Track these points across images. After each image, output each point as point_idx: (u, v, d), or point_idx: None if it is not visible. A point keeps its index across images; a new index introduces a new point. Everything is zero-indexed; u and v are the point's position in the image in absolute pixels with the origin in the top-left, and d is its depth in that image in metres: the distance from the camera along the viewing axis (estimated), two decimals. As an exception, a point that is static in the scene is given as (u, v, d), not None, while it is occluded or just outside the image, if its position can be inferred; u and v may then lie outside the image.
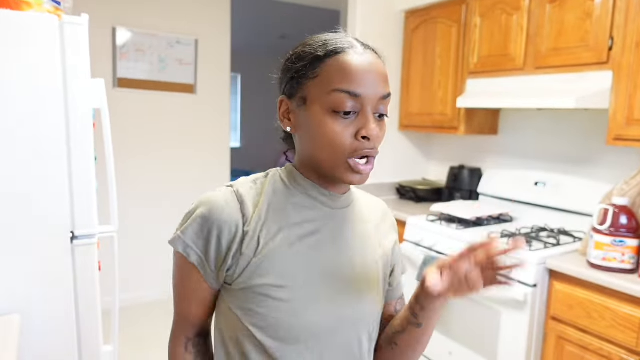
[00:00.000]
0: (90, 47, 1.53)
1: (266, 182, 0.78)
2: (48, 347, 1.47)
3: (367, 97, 0.70)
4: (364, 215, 0.83)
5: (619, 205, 1.76)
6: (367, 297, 0.78)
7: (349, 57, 0.70)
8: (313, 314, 0.72)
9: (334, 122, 0.70)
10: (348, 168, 0.71)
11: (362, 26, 2.90)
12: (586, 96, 1.91)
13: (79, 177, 1.48)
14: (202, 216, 0.72)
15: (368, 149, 0.71)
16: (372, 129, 0.70)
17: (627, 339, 1.62)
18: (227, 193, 0.74)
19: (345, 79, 0.69)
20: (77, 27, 1.44)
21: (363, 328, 0.78)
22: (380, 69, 0.72)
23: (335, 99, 0.69)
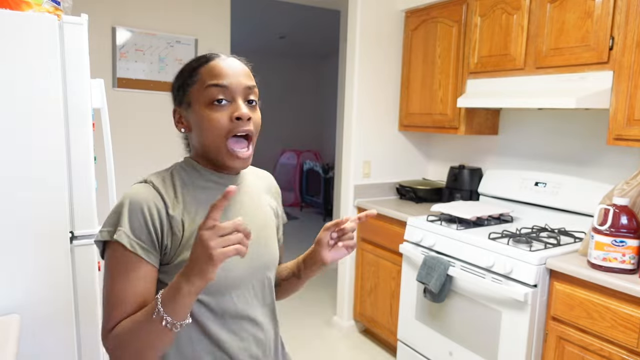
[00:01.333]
0: (90, 47, 1.53)
1: (173, 176, 0.95)
2: (48, 347, 1.46)
3: (233, 87, 0.89)
4: (254, 187, 1.05)
5: (620, 206, 1.75)
6: (271, 246, 1.02)
7: (215, 61, 0.91)
8: (234, 269, 0.92)
9: (211, 111, 0.88)
10: (228, 153, 0.89)
11: (362, 26, 2.90)
12: (587, 96, 1.91)
13: (78, 177, 1.48)
14: (131, 208, 0.85)
15: (242, 127, 0.88)
16: (242, 111, 0.88)
17: (628, 339, 1.62)
18: (145, 186, 0.90)
19: (214, 76, 0.89)
20: (77, 27, 1.44)
21: (271, 270, 1.02)
22: (242, 68, 0.92)
23: (209, 93, 0.88)
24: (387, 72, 3.05)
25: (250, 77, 0.93)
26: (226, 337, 0.93)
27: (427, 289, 2.29)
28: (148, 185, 0.90)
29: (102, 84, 1.57)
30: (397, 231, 2.62)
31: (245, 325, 0.96)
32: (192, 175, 0.95)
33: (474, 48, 2.50)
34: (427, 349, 2.39)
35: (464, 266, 2.15)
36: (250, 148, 0.92)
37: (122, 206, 0.86)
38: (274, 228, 1.06)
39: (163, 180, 0.92)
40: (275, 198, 1.12)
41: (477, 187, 2.80)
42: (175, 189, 0.92)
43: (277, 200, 1.13)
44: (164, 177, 0.93)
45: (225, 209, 0.93)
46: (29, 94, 1.37)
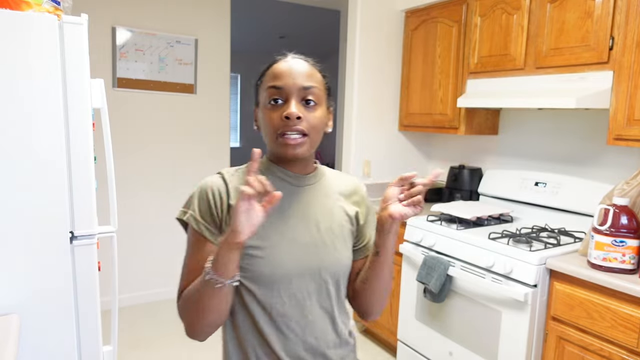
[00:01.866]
0: (90, 47, 1.53)
1: (245, 169, 1.01)
2: (48, 347, 1.46)
3: (288, 88, 0.92)
4: (328, 190, 1.05)
5: (620, 206, 1.75)
6: (336, 250, 1.00)
7: (278, 63, 0.97)
8: (282, 265, 0.95)
9: (268, 111, 0.94)
10: (279, 143, 0.93)
11: (362, 26, 2.90)
12: (587, 96, 1.91)
13: (78, 177, 1.48)
14: (200, 194, 0.97)
15: (292, 126, 0.91)
16: (290, 110, 0.91)
17: (628, 339, 1.62)
18: (215, 177, 1.00)
19: (273, 77, 0.95)
20: (77, 27, 1.44)
21: (328, 275, 0.99)
22: (301, 68, 0.95)
23: (268, 94, 0.94)
24: (387, 72, 3.05)
25: (310, 77, 0.95)
26: (272, 333, 0.96)
27: (427, 289, 2.29)
28: (219, 175, 1.00)
29: (102, 84, 1.57)
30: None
31: (294, 326, 0.96)
32: (263, 170, 1.01)
33: (474, 48, 2.50)
34: (427, 349, 2.39)
35: (464, 266, 2.15)
36: (304, 139, 0.93)
37: (195, 192, 0.98)
38: (346, 233, 1.04)
39: (235, 172, 1.01)
40: (357, 205, 1.09)
41: (477, 187, 2.80)
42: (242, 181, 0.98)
43: (360, 207, 1.09)
44: (237, 169, 1.02)
45: (287, 206, 0.98)
46: (29, 94, 1.37)
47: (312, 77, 0.96)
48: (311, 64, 0.98)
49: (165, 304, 3.49)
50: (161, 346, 2.88)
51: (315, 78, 0.96)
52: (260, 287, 0.95)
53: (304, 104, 0.94)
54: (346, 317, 1.07)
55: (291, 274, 0.95)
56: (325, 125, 0.99)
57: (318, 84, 0.96)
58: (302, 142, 0.93)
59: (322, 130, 0.98)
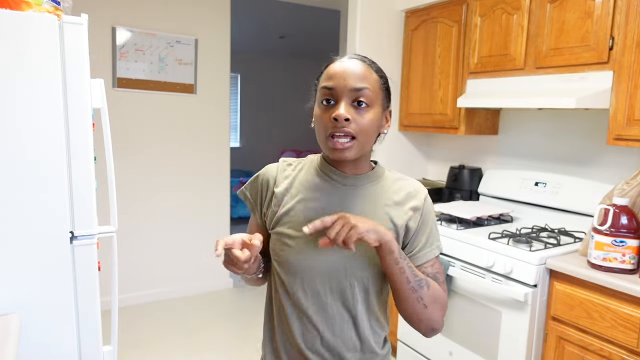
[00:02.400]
0: (90, 47, 1.53)
1: (303, 162, 1.09)
2: (48, 347, 1.46)
3: (339, 89, 0.93)
4: (378, 194, 1.02)
5: (620, 206, 1.75)
6: (359, 256, 0.97)
7: (332, 65, 0.97)
8: (308, 258, 0.97)
9: (320, 110, 0.96)
10: (327, 145, 0.94)
11: (362, 26, 2.90)
12: (587, 96, 1.91)
13: (78, 177, 1.48)
14: (256, 176, 1.09)
15: (338, 127, 0.92)
16: (339, 111, 0.91)
17: (628, 339, 1.62)
18: (273, 165, 1.08)
19: (326, 78, 0.96)
20: (77, 27, 1.44)
21: (354, 278, 0.98)
22: (354, 69, 0.94)
23: (321, 94, 0.96)
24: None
25: (363, 78, 0.94)
26: (294, 320, 1.00)
27: (427, 289, 2.28)
28: (276, 164, 1.08)
29: (102, 84, 1.57)
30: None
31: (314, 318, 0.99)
32: (315, 164, 1.05)
33: (474, 48, 2.50)
34: (427, 349, 2.39)
35: (464, 266, 2.15)
36: (352, 143, 0.93)
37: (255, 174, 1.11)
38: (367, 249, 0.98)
39: (291, 163, 1.08)
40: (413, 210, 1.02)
41: (477, 187, 2.80)
42: (296, 172, 1.06)
43: (416, 213, 1.02)
44: (296, 160, 1.09)
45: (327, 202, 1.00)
46: (29, 94, 1.37)
47: (366, 78, 0.95)
48: (367, 64, 0.97)
49: (165, 304, 3.49)
50: (161, 346, 2.88)
51: (369, 79, 0.95)
52: (286, 273, 1.00)
53: (355, 106, 0.93)
54: (379, 325, 1.04)
55: (315, 269, 0.97)
56: (379, 126, 0.98)
57: (371, 85, 0.95)
58: (350, 145, 0.93)
59: (374, 132, 0.97)
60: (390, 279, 0.96)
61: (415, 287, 0.95)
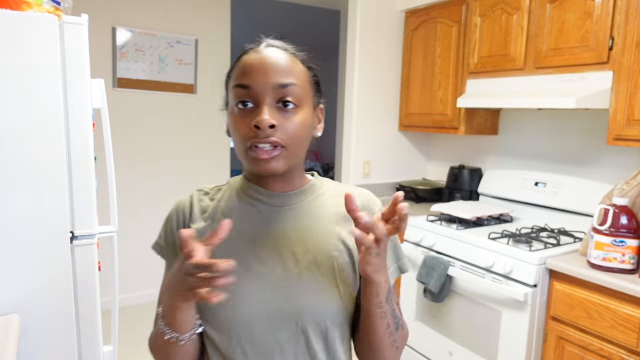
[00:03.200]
0: (90, 47, 1.53)
1: (223, 188, 0.87)
2: (48, 347, 1.47)
3: (258, 87, 0.73)
4: (321, 210, 0.83)
5: (619, 206, 1.76)
6: (310, 291, 0.76)
7: (247, 56, 0.77)
8: (241, 308, 0.75)
9: (235, 116, 0.76)
10: (249, 158, 0.75)
11: (362, 26, 2.90)
12: (586, 96, 1.91)
13: (78, 177, 1.48)
14: (168, 217, 0.87)
15: (261, 137, 0.72)
16: (261, 117, 0.72)
17: (628, 339, 1.62)
18: (186, 196, 0.87)
19: (239, 74, 0.76)
20: (77, 27, 1.44)
21: (307, 322, 0.76)
22: (276, 61, 0.75)
23: (234, 94, 0.76)
24: (387, 72, 3.05)
25: (288, 71, 0.75)
26: None
27: (427, 289, 2.29)
28: (189, 195, 0.88)
29: (102, 84, 1.57)
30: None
31: None
32: (238, 191, 0.85)
33: (474, 48, 2.50)
34: (427, 349, 2.39)
35: (464, 266, 2.15)
36: (279, 152, 0.73)
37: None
38: (340, 267, 0.79)
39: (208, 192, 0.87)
40: None
41: (477, 187, 2.80)
42: (215, 201, 0.84)
43: None
44: (213, 187, 0.89)
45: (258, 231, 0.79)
46: (29, 94, 1.37)
47: (292, 71, 0.76)
48: (291, 53, 0.79)
49: (165, 304, 3.49)
50: (161, 346, 2.88)
51: (295, 72, 0.76)
52: (218, 332, 0.77)
53: (281, 107, 0.74)
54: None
55: (253, 318, 0.75)
56: (311, 129, 0.79)
57: (299, 80, 0.76)
58: (277, 155, 0.73)
59: (306, 137, 0.78)
60: (365, 321, 0.77)
61: (393, 331, 0.79)
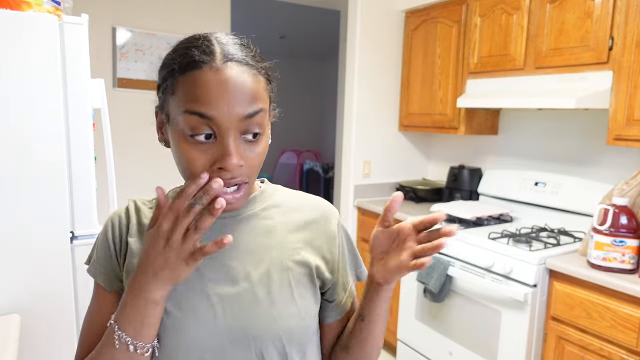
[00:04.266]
0: (90, 47, 1.53)
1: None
2: (48, 347, 1.47)
3: (222, 120, 0.61)
4: (273, 220, 0.75)
5: (619, 206, 1.76)
6: (265, 308, 0.69)
7: (202, 74, 0.61)
8: (189, 332, 0.66)
9: (189, 147, 0.63)
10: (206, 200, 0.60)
11: (362, 26, 2.90)
12: (586, 96, 1.91)
13: (79, 177, 1.48)
14: (101, 234, 0.75)
15: (226, 179, 0.62)
16: (230, 161, 0.61)
17: (627, 339, 1.62)
18: (120, 208, 0.76)
19: (196, 98, 0.61)
20: (77, 27, 1.44)
21: (265, 343, 0.69)
22: (242, 84, 0.62)
23: (188, 122, 0.61)
24: (387, 72, 3.05)
25: (254, 97, 0.63)
26: None
27: (427, 289, 2.29)
28: (124, 207, 0.77)
29: (102, 84, 1.57)
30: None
31: None
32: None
33: (474, 48, 2.50)
34: (427, 349, 2.39)
35: (464, 266, 2.15)
36: (243, 191, 0.66)
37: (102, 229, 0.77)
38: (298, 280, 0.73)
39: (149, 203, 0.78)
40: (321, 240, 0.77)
41: (477, 187, 2.80)
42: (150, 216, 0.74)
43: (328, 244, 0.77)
44: (152, 200, 0.79)
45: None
46: (29, 94, 1.37)
47: (257, 94, 0.64)
48: (252, 67, 0.65)
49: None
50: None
51: (260, 94, 0.65)
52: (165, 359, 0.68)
53: (247, 139, 0.64)
54: None
55: (203, 343, 0.67)
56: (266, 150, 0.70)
57: (264, 102, 0.65)
58: (241, 195, 0.66)
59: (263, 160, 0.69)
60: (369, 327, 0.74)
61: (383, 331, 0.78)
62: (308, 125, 7.76)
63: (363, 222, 2.96)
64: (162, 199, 0.60)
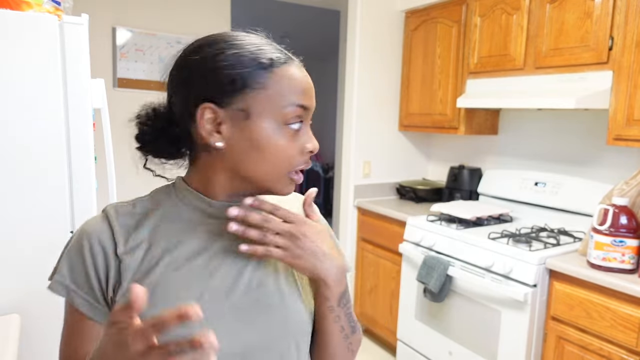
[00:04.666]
0: (90, 47, 1.53)
1: (149, 204, 0.72)
2: (48, 347, 1.47)
3: (310, 110, 0.69)
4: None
5: (619, 206, 1.76)
6: (284, 314, 0.69)
7: (294, 69, 0.67)
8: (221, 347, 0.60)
9: (283, 136, 0.66)
10: (287, 181, 0.69)
11: (362, 26, 2.90)
12: (586, 96, 1.91)
13: (79, 177, 1.48)
14: (74, 248, 0.68)
15: (308, 162, 0.70)
16: (317, 144, 0.69)
17: (627, 339, 1.62)
18: (97, 218, 0.69)
19: (300, 92, 0.66)
20: (77, 27, 1.44)
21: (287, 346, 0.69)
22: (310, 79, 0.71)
23: (291, 113, 0.66)
24: (387, 72, 3.05)
25: None
26: None
27: (427, 289, 2.29)
28: (102, 215, 0.70)
29: (102, 84, 1.57)
30: (397, 231, 2.62)
31: None
32: (177, 205, 0.72)
33: (474, 48, 2.50)
34: (427, 349, 2.39)
35: (464, 266, 2.16)
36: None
37: (67, 244, 0.69)
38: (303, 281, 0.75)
39: (131, 207, 0.72)
40: None
41: (476, 187, 2.80)
42: (144, 220, 0.69)
43: None
44: (135, 203, 0.73)
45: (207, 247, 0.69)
46: (29, 94, 1.37)
47: None
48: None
49: (166, 303, 3.49)
50: (161, 346, 2.87)
51: None
52: None
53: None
54: None
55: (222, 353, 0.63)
56: None
57: None
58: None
59: None
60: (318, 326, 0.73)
61: (348, 334, 0.75)
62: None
63: (363, 222, 2.96)
64: (137, 299, 0.47)
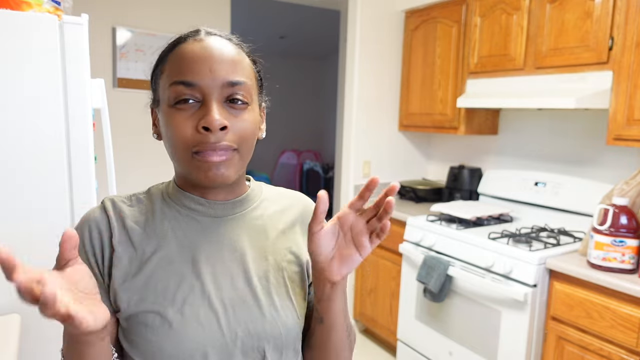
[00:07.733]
0: (90, 47, 1.53)
1: (144, 200, 0.73)
2: (48, 347, 1.47)
3: (205, 85, 0.64)
4: (264, 219, 0.75)
5: (619, 206, 1.76)
6: (270, 310, 0.69)
7: (186, 46, 0.67)
8: (198, 339, 0.64)
9: (175, 115, 0.64)
10: (194, 166, 0.65)
11: (362, 26, 2.90)
12: (586, 96, 1.91)
13: (79, 177, 1.48)
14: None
15: (210, 142, 0.63)
16: (212, 116, 0.62)
17: (627, 339, 1.62)
18: (96, 208, 0.71)
19: (181, 69, 0.65)
20: (77, 27, 1.44)
21: (270, 348, 0.68)
22: (224, 54, 0.66)
23: (173, 92, 0.65)
24: (387, 72, 3.05)
25: (238, 66, 0.67)
26: None
27: (427, 289, 2.29)
28: (100, 206, 0.71)
29: (102, 84, 1.57)
30: (397, 231, 2.62)
31: None
32: (167, 202, 0.72)
33: (474, 48, 2.50)
34: (427, 349, 2.39)
35: (464, 266, 2.16)
36: (232, 155, 0.66)
37: None
38: (294, 280, 0.74)
39: (128, 201, 0.72)
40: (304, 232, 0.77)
41: (477, 187, 2.80)
42: (138, 215, 0.71)
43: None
44: (131, 197, 0.73)
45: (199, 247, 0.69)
46: (29, 94, 1.37)
47: (241, 65, 0.67)
48: (236, 44, 0.69)
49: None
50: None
51: (244, 67, 0.68)
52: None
53: (230, 104, 0.66)
54: None
55: (207, 349, 0.65)
56: (258, 131, 0.72)
57: (248, 77, 0.68)
58: (230, 159, 0.65)
59: (255, 139, 0.70)
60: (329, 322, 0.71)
61: (349, 329, 0.76)
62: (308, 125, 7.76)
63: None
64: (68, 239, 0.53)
